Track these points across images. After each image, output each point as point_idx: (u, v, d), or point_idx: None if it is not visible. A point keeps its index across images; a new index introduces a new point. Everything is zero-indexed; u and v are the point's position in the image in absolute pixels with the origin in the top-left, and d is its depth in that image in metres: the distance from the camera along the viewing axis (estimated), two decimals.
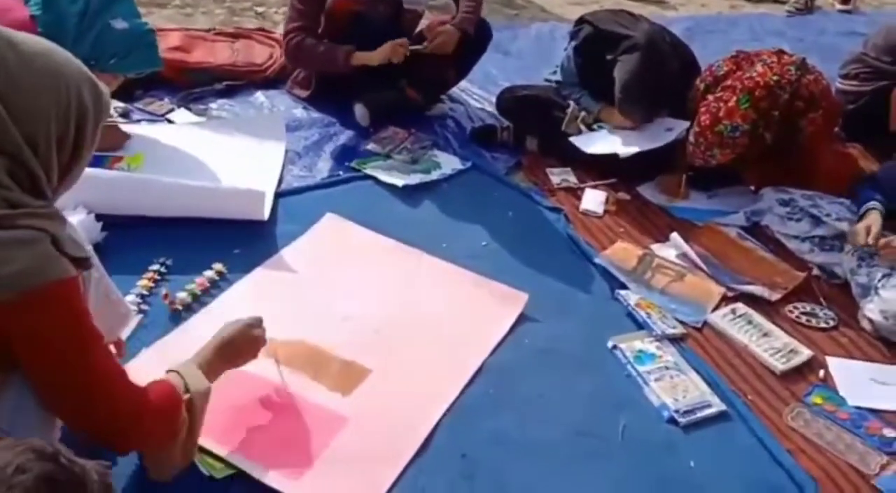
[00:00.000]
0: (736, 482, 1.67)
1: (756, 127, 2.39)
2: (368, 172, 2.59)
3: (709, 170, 2.58)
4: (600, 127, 2.76)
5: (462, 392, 1.80)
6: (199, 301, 1.94)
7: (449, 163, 2.71)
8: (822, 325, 2.13)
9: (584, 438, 1.74)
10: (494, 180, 2.69)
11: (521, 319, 2.05)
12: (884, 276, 2.12)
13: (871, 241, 2.14)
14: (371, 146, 2.75)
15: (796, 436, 1.78)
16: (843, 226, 2.30)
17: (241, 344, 1.54)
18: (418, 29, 2.91)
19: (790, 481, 1.67)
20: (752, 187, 2.67)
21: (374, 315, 1.95)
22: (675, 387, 1.87)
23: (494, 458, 1.66)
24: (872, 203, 2.25)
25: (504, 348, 1.96)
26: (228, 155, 2.53)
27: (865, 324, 2.12)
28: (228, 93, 2.98)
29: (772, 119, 2.39)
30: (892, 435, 1.79)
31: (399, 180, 2.54)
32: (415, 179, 2.57)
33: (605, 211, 2.57)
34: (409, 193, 2.52)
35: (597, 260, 2.30)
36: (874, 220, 2.19)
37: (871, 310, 2.09)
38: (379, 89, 2.86)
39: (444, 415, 1.73)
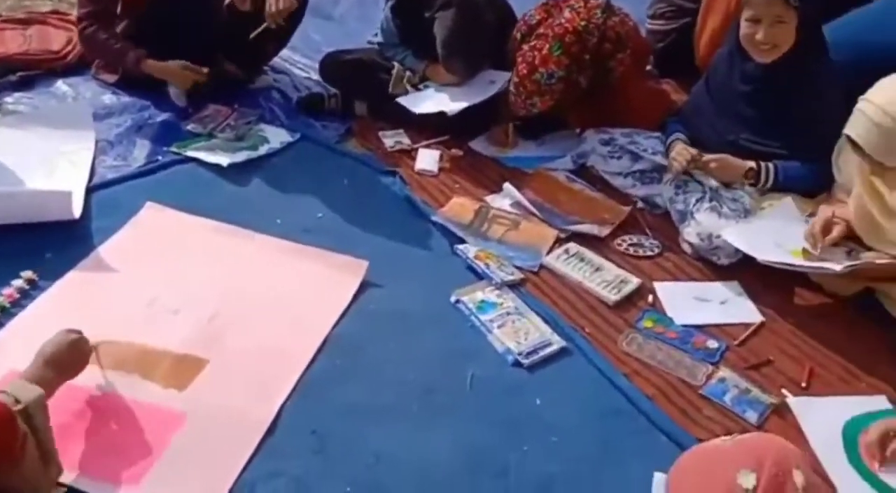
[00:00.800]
0: (579, 410, 1.74)
1: (570, 72, 2.46)
2: (190, 154, 2.46)
3: (534, 118, 2.65)
4: (427, 86, 2.75)
5: (307, 368, 1.78)
6: (9, 314, 1.79)
7: (277, 136, 2.63)
8: (649, 253, 2.25)
9: (434, 394, 1.76)
10: (326, 150, 2.63)
11: (364, 286, 2.03)
12: (697, 201, 2.26)
13: (685, 163, 2.27)
14: (191, 127, 2.61)
15: (631, 360, 1.89)
16: (659, 159, 2.43)
17: (67, 356, 1.47)
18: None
19: (628, 402, 1.77)
20: (577, 130, 2.76)
21: (207, 303, 1.87)
22: (518, 331, 1.93)
23: (345, 429, 1.65)
24: (676, 135, 2.40)
25: (348, 317, 1.94)
26: (30, 153, 2.33)
27: (686, 247, 2.25)
28: (25, 85, 2.74)
29: (584, 63, 2.47)
30: (715, 346, 1.93)
31: (224, 159, 2.43)
32: (241, 156, 2.47)
33: (440, 169, 2.58)
34: (237, 172, 2.43)
35: (434, 218, 2.31)
36: (680, 149, 2.33)
37: (689, 233, 2.23)
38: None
39: (291, 394, 1.71)
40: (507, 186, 2.44)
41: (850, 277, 1.97)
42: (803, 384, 1.83)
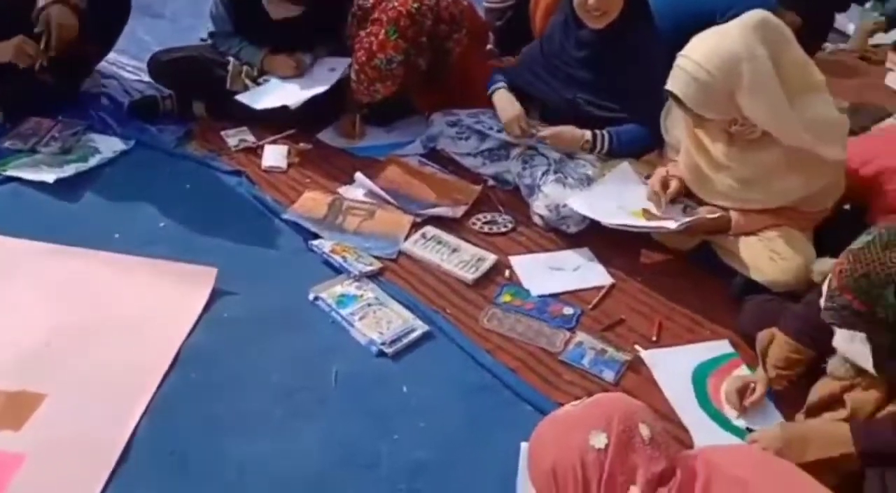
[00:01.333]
0: (445, 392, 1.75)
1: (408, 55, 2.46)
2: (11, 173, 2.27)
3: (380, 104, 2.63)
4: (266, 79, 2.66)
5: (160, 386, 1.69)
6: None
7: (108, 145, 2.47)
8: (503, 229, 2.29)
9: (298, 394, 1.72)
10: (164, 155, 2.50)
11: (216, 294, 1.95)
12: (543, 174, 2.33)
13: (520, 133, 2.33)
14: (9, 143, 2.41)
15: (493, 335, 1.92)
16: (505, 136, 2.48)
17: None
18: None
19: (493, 377, 1.79)
20: (426, 114, 2.76)
21: (40, 331, 1.74)
22: (379, 321, 1.91)
23: (206, 445, 1.58)
24: (498, 84, 2.46)
25: (201, 328, 1.86)
26: None
27: (537, 220, 2.31)
28: None
29: (421, 45, 2.47)
30: (570, 312, 2.00)
31: (50, 175, 2.26)
32: (69, 170, 2.31)
33: (289, 164, 2.52)
34: (66, 188, 2.26)
35: (286, 216, 2.25)
36: (501, 96, 2.39)
37: (539, 206, 2.29)
38: (6, 77, 2.49)
39: (143, 415, 1.61)
40: (358, 176, 2.41)
41: (687, 232, 2.08)
42: (654, 338, 1.93)
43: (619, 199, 2.17)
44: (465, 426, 1.67)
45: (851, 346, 1.61)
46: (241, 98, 2.57)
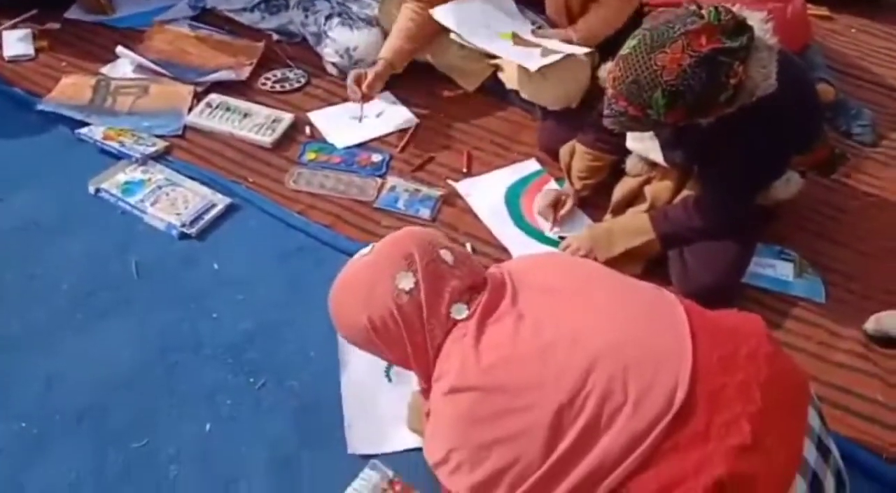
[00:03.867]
0: (260, 262, 1.67)
1: None
2: None
3: None
4: None
5: None
6: None
7: None
8: (296, 85, 2.14)
9: (98, 294, 1.57)
10: None
11: None
12: (327, 19, 2.17)
13: None
14: None
15: (303, 196, 1.83)
16: None
17: None
18: None
19: (308, 237, 1.72)
20: None
21: None
22: (175, 202, 1.76)
23: (2, 365, 1.43)
24: None
25: None
26: None
27: (331, 69, 2.18)
28: None
29: None
30: (379, 159, 1.93)
31: None
32: None
33: (38, 50, 2.19)
34: None
35: (42, 107, 1.97)
36: None
37: (329, 54, 2.15)
38: None
39: None
40: (121, 50, 2.14)
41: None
42: (464, 170, 1.92)
43: (489, 17, 2.00)
44: (286, 290, 1.61)
45: (642, 144, 1.68)
46: None
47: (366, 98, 1.97)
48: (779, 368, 1.06)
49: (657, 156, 1.66)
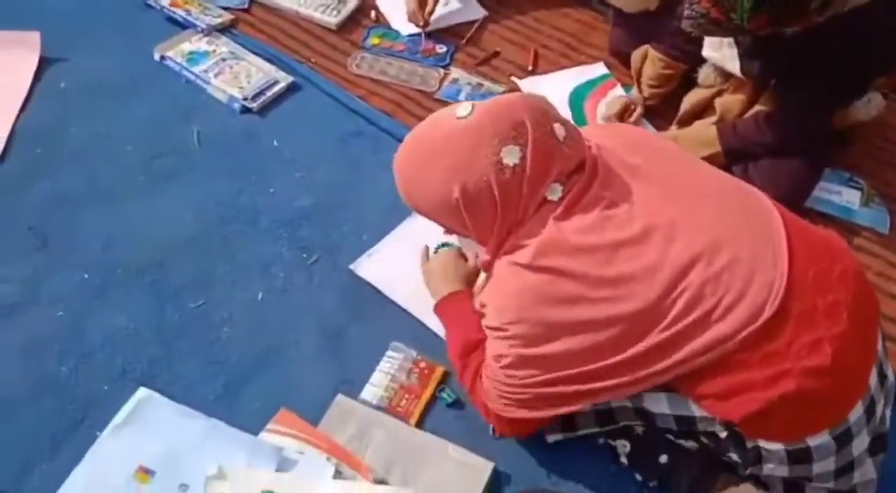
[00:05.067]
0: (320, 142, 1.67)
1: None
2: None
3: None
4: None
5: (0, 166, 1.53)
6: None
7: None
8: None
9: (160, 160, 1.60)
10: None
11: (46, 63, 1.74)
12: None
13: None
14: None
15: (364, 81, 1.81)
16: None
17: None
18: None
19: (367, 123, 1.72)
20: None
21: None
22: (238, 76, 1.76)
23: (66, 219, 1.48)
24: None
25: (36, 101, 1.67)
26: None
27: None
28: None
29: None
30: (443, 50, 1.89)
31: None
32: None
33: None
34: None
35: None
36: None
37: None
38: None
39: None
40: None
41: None
42: (529, 68, 1.87)
43: None
44: (343, 171, 1.62)
45: (719, 52, 1.62)
46: None
47: (426, 25, 1.91)
48: (863, 289, 1.04)
49: (733, 66, 1.59)
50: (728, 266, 0.98)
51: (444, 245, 1.38)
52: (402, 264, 1.41)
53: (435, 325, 1.33)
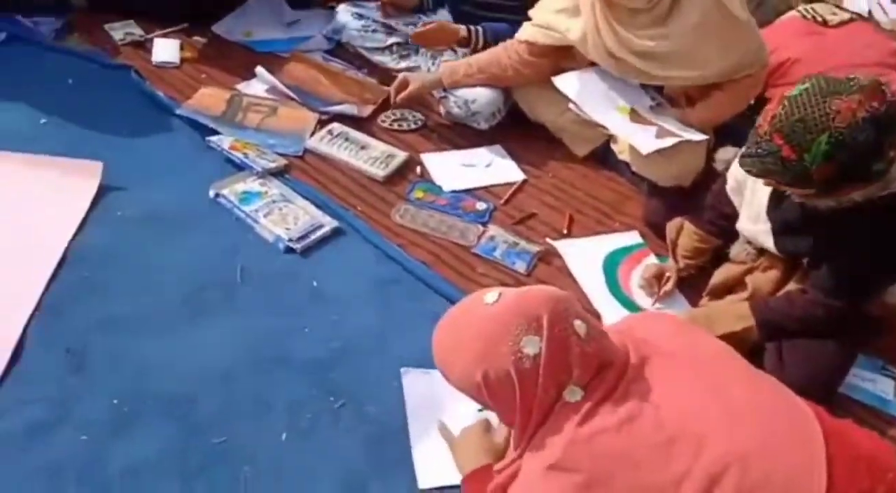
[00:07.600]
0: (357, 286, 1.71)
1: None
2: None
3: None
4: None
5: (49, 284, 1.58)
6: None
7: None
8: (413, 126, 2.22)
9: (202, 293, 1.64)
10: (41, 49, 2.29)
11: (106, 191, 1.83)
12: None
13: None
14: None
15: (405, 231, 1.87)
16: (410, 29, 2.37)
17: None
18: None
19: (404, 271, 1.76)
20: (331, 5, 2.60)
21: None
22: (286, 217, 1.83)
23: (105, 343, 1.50)
24: None
25: (92, 226, 1.75)
26: None
27: (447, 117, 2.25)
28: None
29: None
30: (483, 207, 1.97)
31: None
32: None
33: (183, 59, 2.35)
34: None
35: (180, 112, 2.11)
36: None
37: (448, 103, 2.19)
38: None
39: (34, 314, 1.52)
40: (259, 70, 2.27)
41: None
42: (564, 231, 1.94)
43: (610, 90, 2.02)
44: (377, 317, 1.65)
45: (755, 226, 1.65)
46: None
47: (393, 105, 2.14)
48: None
49: (767, 241, 1.63)
50: (762, 481, 0.96)
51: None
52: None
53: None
